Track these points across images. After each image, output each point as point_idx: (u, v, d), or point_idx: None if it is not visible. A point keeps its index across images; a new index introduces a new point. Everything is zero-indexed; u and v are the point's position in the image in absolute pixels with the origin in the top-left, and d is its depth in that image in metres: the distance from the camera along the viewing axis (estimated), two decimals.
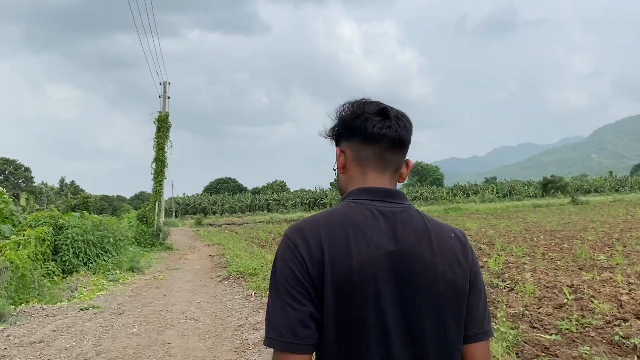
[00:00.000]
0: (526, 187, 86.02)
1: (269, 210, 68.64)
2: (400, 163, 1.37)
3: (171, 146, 20.98)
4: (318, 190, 77.37)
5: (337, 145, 1.40)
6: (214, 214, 67.23)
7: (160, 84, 22.09)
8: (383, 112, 1.32)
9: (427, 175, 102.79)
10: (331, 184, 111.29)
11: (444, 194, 73.66)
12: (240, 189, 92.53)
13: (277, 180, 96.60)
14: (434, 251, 1.24)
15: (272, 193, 78.58)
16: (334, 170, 1.43)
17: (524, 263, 10.04)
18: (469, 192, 74.50)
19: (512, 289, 7.76)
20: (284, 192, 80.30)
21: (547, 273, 8.89)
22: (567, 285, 7.63)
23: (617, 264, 9.28)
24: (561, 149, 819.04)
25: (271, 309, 1.20)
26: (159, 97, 21.87)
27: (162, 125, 20.83)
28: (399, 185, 1.41)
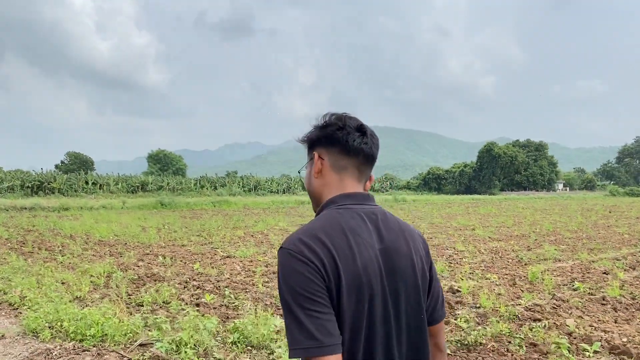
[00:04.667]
0: (269, 182, 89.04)
1: None
2: (369, 175, 1.52)
3: None
4: (44, 172, 64.28)
5: (310, 149, 1.50)
6: None
7: None
8: (361, 128, 1.45)
9: (170, 165, 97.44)
10: (56, 166, 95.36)
11: (192, 185, 69.96)
12: None
13: None
14: (409, 246, 1.41)
15: None
16: (299, 172, 1.60)
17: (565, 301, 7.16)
18: (216, 185, 72.52)
19: None
20: None
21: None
22: None
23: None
24: (285, 150, 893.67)
25: (295, 322, 1.20)
26: None
27: None
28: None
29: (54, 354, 4.44)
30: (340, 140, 1.41)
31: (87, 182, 66.83)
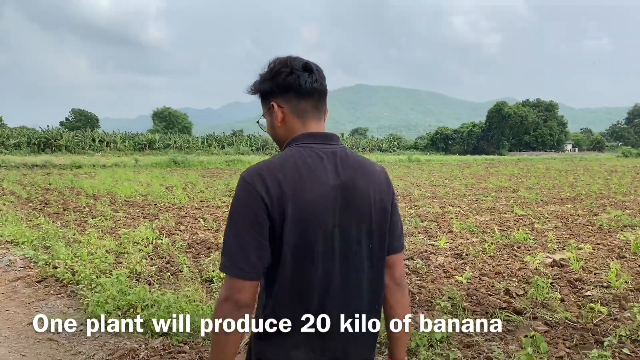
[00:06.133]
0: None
1: None
2: (325, 109, 1.55)
3: None
4: (50, 129, 63.12)
5: (266, 99, 1.53)
6: None
7: None
8: (307, 67, 1.47)
9: (176, 123, 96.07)
10: (61, 123, 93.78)
11: (199, 143, 68.84)
12: None
13: None
14: (367, 182, 1.47)
15: None
16: (258, 122, 1.62)
17: None
18: (224, 144, 71.43)
19: None
20: (2, 129, 63.30)
21: None
22: None
23: None
24: None
25: (228, 240, 1.36)
26: None
27: None
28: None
29: (140, 356, 3.44)
30: (293, 85, 1.45)
31: (93, 140, 65.84)
